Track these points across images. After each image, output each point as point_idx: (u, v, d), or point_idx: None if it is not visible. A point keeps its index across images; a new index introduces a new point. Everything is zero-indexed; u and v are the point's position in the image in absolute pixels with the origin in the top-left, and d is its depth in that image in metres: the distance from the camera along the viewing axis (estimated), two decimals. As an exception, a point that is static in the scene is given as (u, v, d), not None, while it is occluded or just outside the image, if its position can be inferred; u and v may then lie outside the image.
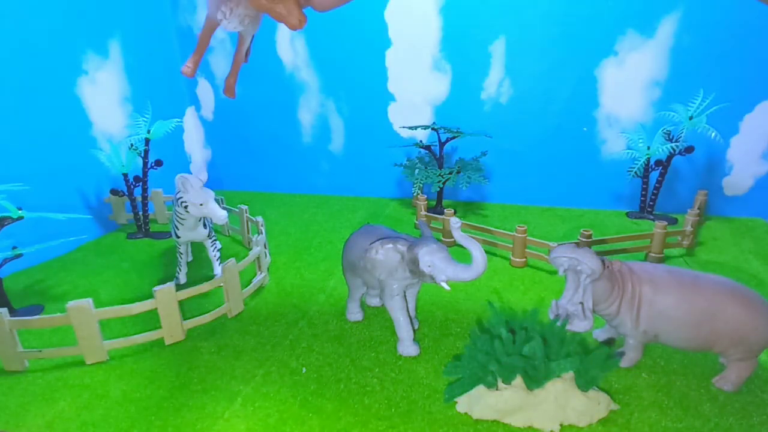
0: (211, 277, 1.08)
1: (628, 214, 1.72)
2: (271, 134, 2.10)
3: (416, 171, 1.74)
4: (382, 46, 1.85)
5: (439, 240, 0.95)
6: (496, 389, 0.70)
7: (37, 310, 1.07)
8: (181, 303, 0.93)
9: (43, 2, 1.38)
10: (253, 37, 0.92)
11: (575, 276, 0.79)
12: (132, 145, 1.50)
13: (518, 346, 0.71)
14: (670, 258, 1.32)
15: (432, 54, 1.81)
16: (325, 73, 1.95)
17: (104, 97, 1.64)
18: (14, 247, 1.07)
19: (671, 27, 1.56)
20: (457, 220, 0.81)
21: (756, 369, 0.77)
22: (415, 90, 1.88)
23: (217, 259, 1.24)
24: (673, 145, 1.53)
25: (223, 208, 1.32)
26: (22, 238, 1.18)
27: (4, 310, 0.83)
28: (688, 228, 1.36)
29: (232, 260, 1.02)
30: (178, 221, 1.15)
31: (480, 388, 0.71)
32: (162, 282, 0.93)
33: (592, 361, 0.70)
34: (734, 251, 1.37)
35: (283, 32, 1.94)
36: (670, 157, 1.57)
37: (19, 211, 1.02)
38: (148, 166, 1.56)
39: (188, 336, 0.97)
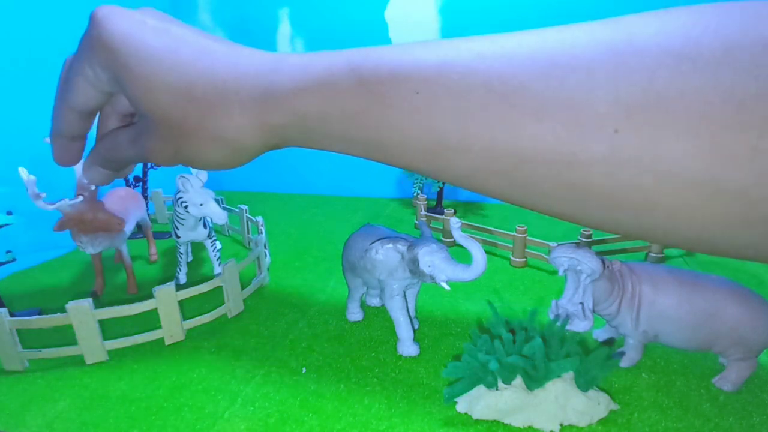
0: (211, 277, 1.08)
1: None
2: (271, 134, 2.11)
3: (416, 171, 1.74)
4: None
5: (439, 240, 0.95)
6: (496, 389, 0.70)
7: (35, 313, 1.07)
8: (181, 303, 0.93)
9: (43, 2, 1.38)
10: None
11: (575, 276, 0.79)
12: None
13: (518, 346, 0.71)
14: (670, 258, 1.32)
15: (432, 54, 1.81)
16: (325, 73, 1.96)
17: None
18: (8, 251, 1.07)
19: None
20: (457, 220, 0.81)
21: (756, 369, 0.77)
22: (415, 90, 1.88)
23: (217, 259, 1.24)
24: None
25: (223, 208, 1.33)
26: (21, 240, 1.18)
27: (4, 310, 0.83)
28: (688, 228, 1.35)
29: (232, 260, 1.02)
30: (178, 221, 1.15)
31: (480, 388, 0.71)
32: (162, 282, 0.93)
33: (592, 361, 0.70)
34: (734, 251, 1.36)
35: (283, 31, 1.94)
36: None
37: (8, 216, 1.02)
38: (148, 166, 1.55)
39: (188, 336, 0.97)
